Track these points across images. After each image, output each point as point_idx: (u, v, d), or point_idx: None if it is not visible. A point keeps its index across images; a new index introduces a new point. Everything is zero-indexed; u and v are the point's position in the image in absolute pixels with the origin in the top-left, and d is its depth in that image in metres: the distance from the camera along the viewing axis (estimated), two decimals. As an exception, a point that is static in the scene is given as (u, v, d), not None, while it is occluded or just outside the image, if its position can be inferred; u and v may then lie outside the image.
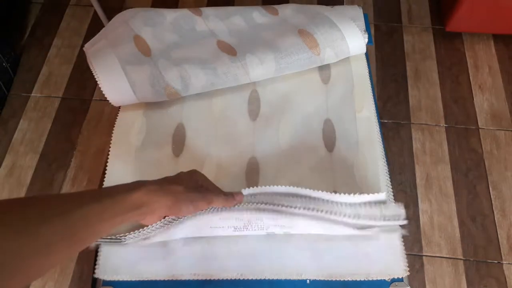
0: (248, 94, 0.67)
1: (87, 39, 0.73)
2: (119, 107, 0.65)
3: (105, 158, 1.00)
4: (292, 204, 0.47)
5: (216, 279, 0.51)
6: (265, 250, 0.52)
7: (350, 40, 0.64)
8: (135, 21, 0.65)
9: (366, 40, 0.66)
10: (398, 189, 1.10)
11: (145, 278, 0.51)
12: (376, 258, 0.51)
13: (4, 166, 1.15)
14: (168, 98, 0.62)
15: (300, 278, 0.51)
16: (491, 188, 1.10)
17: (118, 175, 0.58)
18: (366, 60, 0.69)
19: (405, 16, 1.42)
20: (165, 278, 0.51)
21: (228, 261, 0.52)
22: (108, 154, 0.60)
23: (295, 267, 0.51)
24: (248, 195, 0.49)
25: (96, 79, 0.60)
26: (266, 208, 0.48)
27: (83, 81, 1.30)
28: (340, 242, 0.53)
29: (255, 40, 0.67)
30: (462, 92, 1.26)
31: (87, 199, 0.36)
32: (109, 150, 0.61)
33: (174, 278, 0.51)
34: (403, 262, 0.51)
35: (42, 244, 0.30)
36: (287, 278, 0.51)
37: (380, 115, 1.19)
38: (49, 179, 1.13)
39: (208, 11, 0.70)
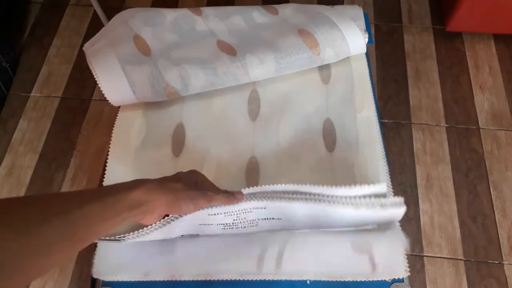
0: (248, 94, 0.67)
1: (86, 39, 0.73)
2: (119, 107, 0.65)
3: (104, 158, 1.00)
4: (291, 195, 0.47)
5: (215, 279, 0.51)
6: (265, 251, 0.52)
7: (351, 40, 0.64)
8: (135, 20, 0.65)
9: (367, 39, 0.66)
10: (398, 189, 1.10)
11: (144, 279, 0.51)
12: (377, 258, 0.51)
13: (3, 166, 1.15)
14: (168, 98, 0.62)
15: (300, 279, 0.51)
16: (491, 188, 1.10)
17: (117, 175, 0.58)
18: (366, 60, 0.69)
19: (405, 16, 1.42)
20: (164, 279, 0.51)
21: (228, 261, 0.52)
22: (108, 154, 0.60)
23: (295, 268, 0.51)
24: (248, 194, 0.48)
25: (96, 79, 0.60)
26: (260, 196, 0.47)
27: (82, 80, 1.30)
28: (341, 242, 0.52)
29: (255, 40, 0.66)
30: (462, 92, 1.26)
31: (86, 198, 0.36)
32: (108, 150, 0.61)
33: (173, 278, 0.51)
34: (404, 262, 0.51)
35: (42, 244, 0.30)
36: (287, 279, 0.51)
37: (381, 115, 1.19)
38: (48, 179, 1.13)
39: (208, 10, 0.70)
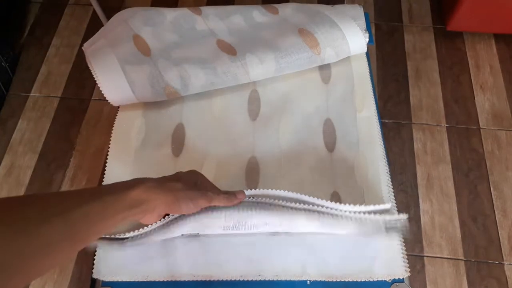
0: (248, 94, 0.66)
1: (86, 39, 0.73)
2: (118, 107, 0.65)
3: (104, 158, 1.00)
4: (292, 204, 0.47)
5: (216, 279, 0.51)
6: (265, 251, 0.52)
7: (351, 39, 0.64)
8: (135, 20, 0.65)
9: (367, 39, 0.66)
10: (399, 189, 1.10)
11: (144, 279, 0.51)
12: (377, 258, 0.51)
13: (3, 166, 1.15)
14: (168, 98, 0.62)
15: (300, 279, 0.51)
16: (492, 188, 1.10)
17: (117, 175, 0.58)
18: (366, 60, 0.69)
19: (406, 16, 1.42)
20: (164, 279, 0.51)
21: (228, 262, 0.52)
22: (107, 154, 0.60)
23: (295, 268, 0.51)
24: (249, 196, 0.48)
25: (95, 79, 0.60)
26: (262, 201, 0.47)
27: (82, 80, 1.30)
28: (341, 242, 0.52)
29: (255, 39, 0.66)
30: (463, 91, 1.26)
31: (86, 197, 0.35)
32: (108, 150, 0.61)
33: (173, 278, 0.51)
34: (404, 262, 0.51)
35: (42, 244, 0.30)
36: (287, 279, 0.50)
37: (381, 115, 1.18)
38: (48, 179, 1.13)
39: (208, 10, 0.70)
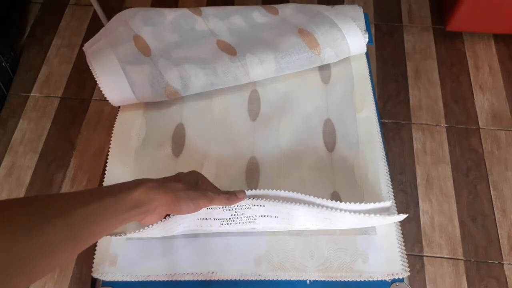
0: (248, 94, 0.67)
1: (86, 39, 0.73)
2: (119, 107, 0.65)
3: (104, 158, 1.00)
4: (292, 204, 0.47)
5: (216, 279, 0.51)
6: (265, 251, 0.52)
7: (351, 39, 0.64)
8: (135, 20, 0.65)
9: (367, 39, 0.66)
10: (398, 189, 1.10)
11: (145, 279, 0.51)
12: (377, 258, 0.51)
13: (3, 166, 1.15)
14: (168, 98, 0.62)
15: (300, 279, 0.51)
16: (491, 188, 1.10)
17: (117, 175, 0.58)
18: (366, 60, 0.69)
19: (405, 16, 1.42)
20: (165, 279, 0.51)
21: (228, 261, 0.52)
22: (108, 154, 0.60)
23: (295, 268, 0.51)
24: (249, 196, 0.48)
25: (96, 79, 0.60)
26: (261, 195, 0.47)
27: (82, 80, 1.30)
28: (341, 242, 0.52)
29: (255, 39, 0.66)
30: (462, 92, 1.26)
31: (87, 198, 0.36)
32: (108, 150, 0.61)
33: (174, 278, 0.51)
34: (404, 262, 0.51)
35: (44, 245, 0.30)
36: (287, 279, 0.51)
37: (381, 115, 1.19)
38: (48, 179, 1.13)
39: (208, 10, 0.70)
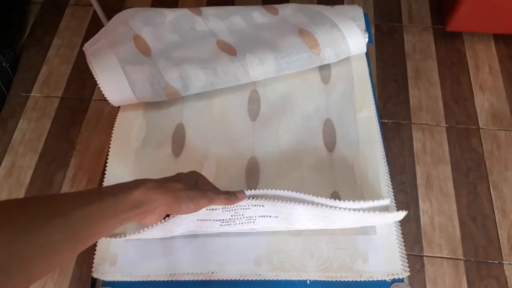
0: (248, 94, 0.67)
1: (86, 39, 0.73)
2: (119, 107, 0.65)
3: (104, 158, 1.00)
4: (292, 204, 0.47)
5: (216, 279, 0.51)
6: (265, 251, 0.52)
7: (351, 40, 0.64)
8: (135, 20, 0.65)
9: (367, 40, 0.66)
10: (398, 189, 1.10)
11: (145, 279, 0.51)
12: (377, 258, 0.51)
13: (3, 166, 1.15)
14: (168, 98, 0.62)
15: (300, 279, 0.51)
16: (491, 188, 1.10)
17: (117, 175, 0.58)
18: (366, 60, 0.69)
19: (405, 16, 1.42)
20: (164, 279, 0.51)
21: (228, 261, 0.52)
22: (108, 154, 0.60)
23: (295, 268, 0.51)
24: (249, 196, 0.48)
25: (96, 79, 0.60)
26: (261, 195, 0.47)
27: (82, 80, 1.30)
28: (341, 242, 0.52)
29: (255, 39, 0.66)
30: (462, 92, 1.26)
31: (87, 198, 0.36)
32: (108, 150, 0.61)
33: (174, 278, 0.51)
34: (404, 262, 0.51)
35: (44, 245, 0.30)
36: (287, 279, 0.51)
37: (381, 115, 1.19)
38: (48, 179, 1.13)
39: (208, 10, 0.70)
